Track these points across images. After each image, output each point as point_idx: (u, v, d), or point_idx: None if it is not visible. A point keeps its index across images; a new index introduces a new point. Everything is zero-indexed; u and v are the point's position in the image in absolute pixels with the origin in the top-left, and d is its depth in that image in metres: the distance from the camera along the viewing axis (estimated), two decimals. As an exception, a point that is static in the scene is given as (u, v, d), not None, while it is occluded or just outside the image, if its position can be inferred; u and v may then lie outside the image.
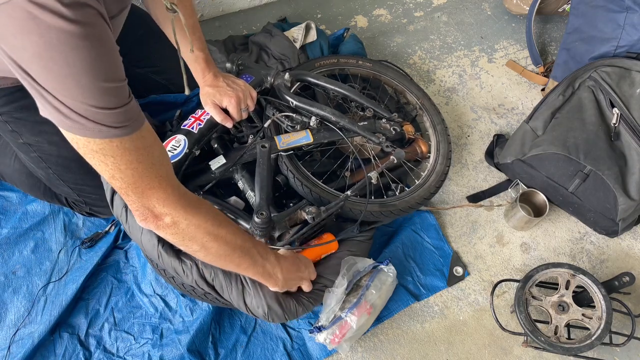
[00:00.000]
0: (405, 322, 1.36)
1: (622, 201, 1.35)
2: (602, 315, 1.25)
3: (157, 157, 0.79)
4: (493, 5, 2.06)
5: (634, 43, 1.44)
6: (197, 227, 0.86)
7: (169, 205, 0.81)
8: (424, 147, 1.53)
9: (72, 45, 0.64)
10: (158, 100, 1.48)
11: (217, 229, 0.89)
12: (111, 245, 1.39)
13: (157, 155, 0.79)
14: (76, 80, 0.66)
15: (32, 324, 1.29)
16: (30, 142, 1.18)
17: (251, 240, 1.01)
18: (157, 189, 0.79)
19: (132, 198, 0.80)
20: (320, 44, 1.70)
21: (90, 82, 0.67)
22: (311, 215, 1.19)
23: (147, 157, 0.77)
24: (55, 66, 0.64)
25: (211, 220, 0.88)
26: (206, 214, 0.88)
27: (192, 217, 0.85)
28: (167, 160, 0.82)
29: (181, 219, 0.84)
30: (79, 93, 0.67)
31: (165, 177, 0.80)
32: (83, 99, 0.68)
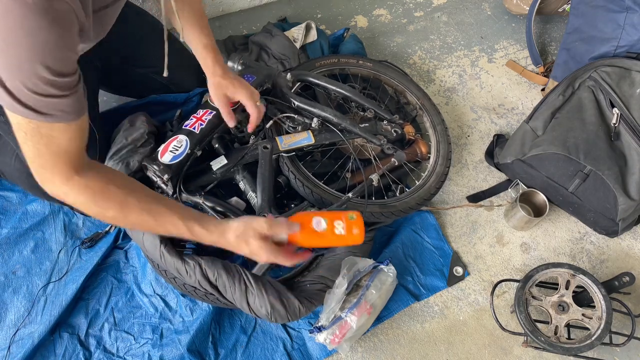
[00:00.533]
0: (405, 322, 1.36)
1: (622, 201, 1.35)
2: (602, 315, 1.25)
3: (64, 149, 0.82)
4: (493, 5, 2.06)
5: (634, 43, 1.44)
6: (84, 208, 0.90)
7: (56, 186, 0.88)
8: (424, 148, 1.53)
9: (29, 27, 0.66)
10: (158, 100, 1.49)
11: (104, 211, 0.91)
12: (111, 245, 1.39)
13: (68, 148, 0.83)
14: (21, 60, 0.69)
15: (32, 324, 1.29)
16: None
17: (155, 220, 0.94)
18: (50, 170, 0.85)
19: (32, 168, 0.86)
20: (320, 43, 1.70)
21: (33, 64, 0.69)
22: None
23: (56, 147, 0.81)
24: (7, 43, 0.67)
25: (95, 205, 0.90)
26: (90, 199, 0.89)
27: (76, 198, 0.89)
28: (76, 151, 0.85)
29: (68, 198, 0.89)
30: (18, 71, 0.70)
31: (62, 164, 0.84)
32: (20, 77, 0.70)
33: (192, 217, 0.95)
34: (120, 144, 1.25)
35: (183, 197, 1.22)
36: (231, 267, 1.14)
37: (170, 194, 1.21)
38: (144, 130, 1.27)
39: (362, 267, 1.27)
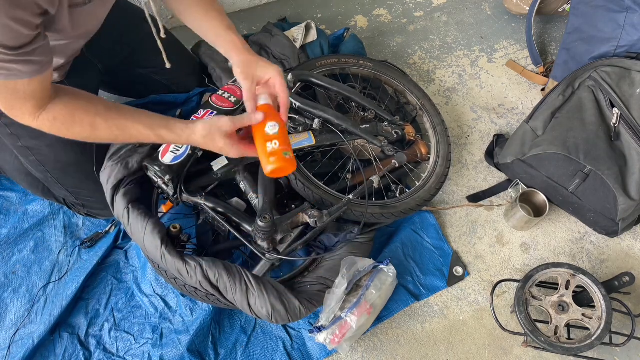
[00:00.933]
0: (405, 322, 1.36)
1: (622, 201, 1.35)
2: (602, 315, 1.25)
3: (29, 95, 0.89)
4: (493, 5, 2.06)
5: (634, 43, 1.44)
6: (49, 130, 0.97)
7: (29, 122, 0.94)
8: (424, 150, 1.53)
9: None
10: (158, 100, 1.49)
11: (69, 129, 0.97)
12: (111, 245, 1.39)
13: (32, 94, 0.89)
14: None
15: (32, 324, 1.29)
16: (29, 145, 1.18)
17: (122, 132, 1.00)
18: (21, 111, 0.92)
19: (2, 109, 0.92)
20: (320, 43, 1.70)
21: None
22: (314, 219, 1.19)
23: (22, 94, 0.88)
24: None
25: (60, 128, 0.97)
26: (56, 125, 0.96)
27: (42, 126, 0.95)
28: (41, 95, 0.91)
29: (43, 130, 0.96)
30: None
31: (31, 106, 0.91)
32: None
33: (159, 124, 1.00)
34: (118, 145, 1.25)
35: (184, 197, 1.22)
36: (232, 267, 1.14)
37: (171, 195, 1.21)
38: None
39: (362, 267, 1.27)
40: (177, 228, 1.18)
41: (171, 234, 1.17)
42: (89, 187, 1.29)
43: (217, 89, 1.55)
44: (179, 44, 1.54)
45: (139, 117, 1.00)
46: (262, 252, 1.22)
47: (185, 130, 1.01)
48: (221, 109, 1.31)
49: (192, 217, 1.40)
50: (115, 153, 1.24)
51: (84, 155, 1.25)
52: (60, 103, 0.95)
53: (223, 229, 1.24)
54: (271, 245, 1.20)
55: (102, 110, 0.98)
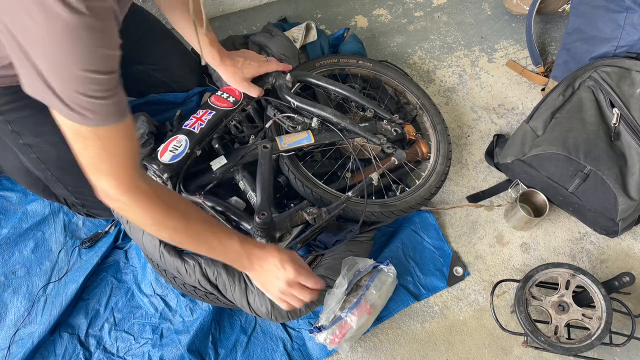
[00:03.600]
0: (405, 322, 1.36)
1: (622, 201, 1.35)
2: (602, 315, 1.25)
3: (123, 151, 0.84)
4: (493, 5, 2.06)
5: (634, 43, 1.44)
6: (144, 216, 0.90)
7: (119, 192, 0.86)
8: (425, 148, 1.53)
9: (75, 35, 0.67)
10: (157, 100, 1.48)
11: (165, 219, 0.91)
12: (111, 245, 1.39)
13: (125, 148, 0.84)
14: (70, 68, 0.70)
15: (32, 324, 1.29)
16: (31, 143, 1.18)
17: (211, 230, 0.98)
18: (112, 175, 0.84)
19: (90, 177, 0.86)
20: (320, 43, 1.70)
21: (82, 71, 0.71)
22: (312, 216, 1.19)
23: (114, 148, 0.82)
24: (55, 52, 0.68)
25: (159, 212, 0.91)
26: (154, 209, 0.90)
27: (139, 206, 0.89)
28: (133, 154, 0.86)
29: (127, 207, 0.88)
30: (69, 79, 0.71)
31: (123, 168, 0.85)
32: (72, 84, 0.72)
33: (237, 235, 1.01)
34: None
35: (183, 196, 1.22)
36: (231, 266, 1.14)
37: None
38: (144, 130, 1.27)
39: (362, 267, 1.27)
40: (176, 228, 1.18)
41: (170, 233, 1.17)
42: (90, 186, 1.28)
43: (217, 88, 1.55)
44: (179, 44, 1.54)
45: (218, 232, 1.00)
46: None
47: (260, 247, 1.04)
48: (220, 109, 1.32)
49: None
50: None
51: None
52: (152, 181, 0.93)
53: None
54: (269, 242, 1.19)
55: (194, 211, 0.97)
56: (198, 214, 0.98)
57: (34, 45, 0.68)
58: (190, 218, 0.95)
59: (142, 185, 0.89)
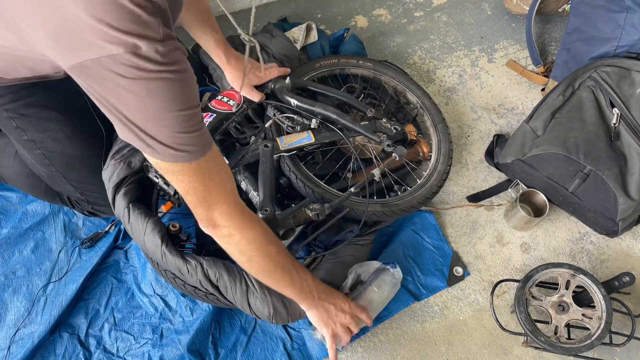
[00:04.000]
0: (405, 322, 1.36)
1: (622, 201, 1.35)
2: (602, 315, 1.25)
3: (224, 175, 0.89)
4: (493, 5, 2.06)
5: (634, 43, 1.44)
6: (248, 242, 0.95)
7: (229, 218, 0.91)
8: (426, 148, 1.53)
9: (164, 87, 0.72)
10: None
11: (266, 246, 0.98)
12: (111, 245, 1.39)
13: (224, 173, 0.89)
14: (165, 115, 0.74)
15: (32, 324, 1.29)
16: (35, 138, 1.18)
17: (292, 261, 1.05)
18: (222, 203, 0.89)
19: (199, 210, 0.90)
20: (321, 44, 1.70)
21: (175, 113, 0.75)
22: (315, 212, 1.19)
23: (217, 175, 0.87)
24: (149, 105, 0.72)
25: (262, 238, 0.97)
26: (259, 231, 0.97)
27: (246, 231, 0.94)
28: (231, 177, 0.91)
29: (237, 232, 0.93)
30: (167, 122, 0.75)
31: (230, 193, 0.91)
32: (172, 127, 0.76)
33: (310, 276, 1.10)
34: (121, 143, 1.25)
35: None
36: (232, 267, 1.14)
37: (171, 194, 1.21)
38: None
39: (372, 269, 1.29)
40: (176, 227, 1.18)
41: (170, 233, 1.17)
42: (95, 182, 1.28)
43: (217, 88, 1.55)
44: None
45: (297, 265, 1.07)
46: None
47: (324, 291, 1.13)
48: (221, 112, 1.33)
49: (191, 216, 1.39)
50: (118, 152, 1.24)
51: (90, 149, 1.25)
52: (259, 220, 0.99)
53: None
54: None
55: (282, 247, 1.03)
56: (281, 243, 1.03)
57: (128, 104, 0.72)
58: (281, 247, 1.02)
59: (247, 210, 0.95)
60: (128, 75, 0.69)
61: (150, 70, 0.69)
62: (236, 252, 0.98)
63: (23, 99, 1.10)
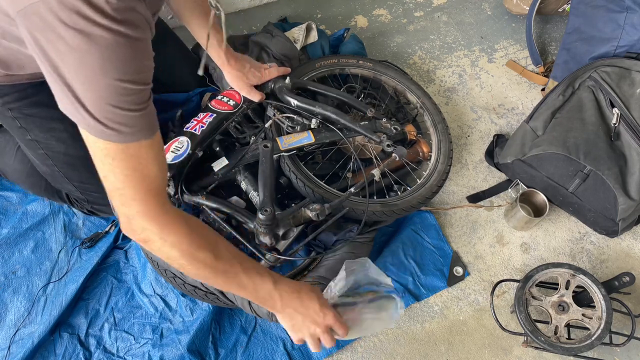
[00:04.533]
0: (405, 322, 1.36)
1: (622, 201, 1.35)
2: (602, 315, 1.25)
3: (154, 171, 0.79)
4: (493, 5, 2.06)
5: (634, 43, 1.44)
6: (171, 248, 0.83)
7: (146, 220, 0.80)
8: (426, 148, 1.53)
9: (108, 46, 0.66)
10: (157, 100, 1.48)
11: (195, 252, 0.85)
12: (111, 245, 1.39)
13: (157, 169, 0.79)
14: (103, 80, 0.68)
15: (32, 324, 1.29)
16: (39, 139, 1.18)
17: (241, 265, 0.91)
18: (139, 201, 0.79)
19: (115, 202, 0.81)
20: (321, 44, 1.70)
21: (114, 82, 0.69)
22: (315, 212, 1.19)
23: (145, 168, 0.77)
24: (87, 65, 0.66)
25: (189, 243, 0.84)
26: (184, 236, 0.84)
27: (167, 236, 0.82)
28: (162, 177, 0.82)
29: (155, 237, 0.82)
30: (103, 91, 0.69)
31: (153, 192, 0.80)
32: (105, 97, 0.70)
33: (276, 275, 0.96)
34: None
35: (185, 197, 1.22)
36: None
37: (172, 194, 1.21)
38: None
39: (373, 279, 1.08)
40: (177, 227, 1.18)
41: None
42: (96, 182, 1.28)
43: (218, 89, 1.55)
44: (182, 45, 1.55)
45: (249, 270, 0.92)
46: (262, 253, 1.22)
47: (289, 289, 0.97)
48: (221, 112, 1.33)
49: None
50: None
51: None
52: (192, 222, 0.86)
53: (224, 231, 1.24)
54: (273, 240, 1.19)
55: (222, 242, 0.91)
56: (228, 248, 0.91)
57: (66, 58, 0.67)
58: (220, 250, 0.89)
59: (172, 211, 0.83)
60: (70, 23, 0.63)
61: (95, 21, 0.64)
62: (164, 258, 0.85)
63: (29, 97, 1.11)
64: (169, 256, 0.84)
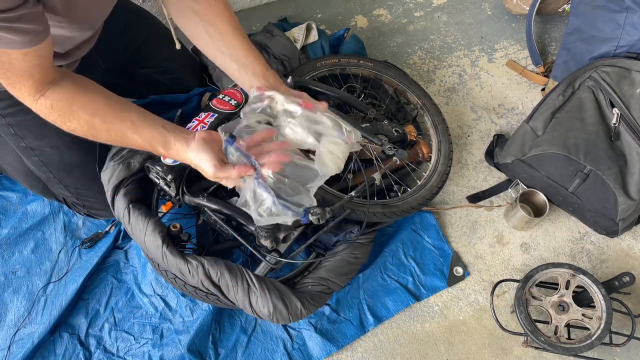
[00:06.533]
0: (405, 322, 1.36)
1: (622, 201, 1.35)
2: (602, 315, 1.25)
3: (26, 72, 0.84)
4: (493, 5, 2.06)
5: (634, 43, 1.44)
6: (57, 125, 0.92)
7: (28, 103, 0.89)
8: (426, 149, 1.53)
9: None
10: (158, 100, 1.48)
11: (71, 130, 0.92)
12: (111, 245, 1.39)
13: (29, 71, 0.84)
14: None
15: (32, 324, 1.29)
16: (33, 146, 1.18)
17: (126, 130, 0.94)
18: (20, 90, 0.87)
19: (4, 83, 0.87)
20: (321, 44, 1.70)
21: None
22: (316, 216, 1.19)
23: (18, 70, 0.83)
24: None
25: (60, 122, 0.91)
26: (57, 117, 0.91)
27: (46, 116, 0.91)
28: (39, 76, 0.86)
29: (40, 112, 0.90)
30: None
31: (30, 87, 0.86)
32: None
33: (158, 141, 0.95)
34: (120, 146, 1.25)
35: (186, 198, 1.22)
36: (234, 267, 1.14)
37: (173, 195, 1.21)
38: (144, 130, 1.26)
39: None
40: (177, 227, 1.18)
41: (171, 234, 1.17)
42: (91, 188, 1.28)
43: (218, 88, 1.55)
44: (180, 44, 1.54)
45: (140, 128, 0.95)
46: (263, 255, 1.22)
47: (180, 155, 0.97)
48: (222, 111, 1.33)
49: (191, 217, 1.40)
50: (117, 153, 1.24)
51: (87, 156, 1.25)
52: (61, 92, 0.89)
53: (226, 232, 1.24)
54: (274, 243, 1.19)
55: (103, 110, 0.92)
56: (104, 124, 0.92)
57: None
58: (97, 129, 0.92)
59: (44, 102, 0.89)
60: None
61: None
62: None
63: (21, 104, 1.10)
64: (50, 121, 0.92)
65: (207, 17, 1.06)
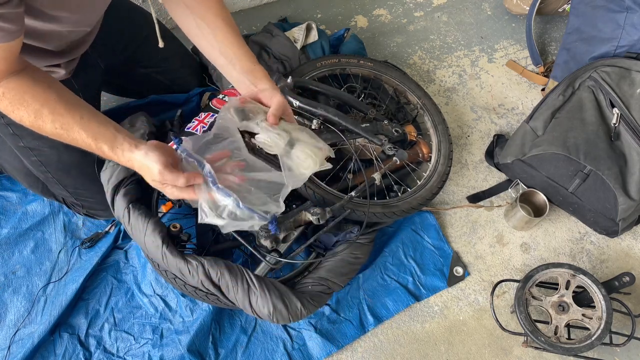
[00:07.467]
0: (405, 322, 1.36)
1: (622, 201, 1.35)
2: (602, 315, 1.25)
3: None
4: (493, 5, 2.06)
5: (634, 43, 1.44)
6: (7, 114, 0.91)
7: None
8: (426, 149, 1.53)
9: None
10: (158, 100, 1.49)
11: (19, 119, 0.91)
12: (111, 245, 1.39)
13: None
14: None
15: (32, 324, 1.29)
16: (31, 146, 1.18)
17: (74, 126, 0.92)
18: None
19: None
20: (321, 44, 1.70)
21: None
22: (316, 216, 1.19)
23: None
24: None
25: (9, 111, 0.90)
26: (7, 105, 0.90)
27: None
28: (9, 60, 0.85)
29: None
30: None
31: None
32: None
33: (104, 138, 0.92)
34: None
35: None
36: (234, 267, 1.14)
37: None
38: (144, 131, 1.26)
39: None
40: (177, 227, 1.18)
41: (171, 234, 1.17)
42: (90, 188, 1.28)
43: (217, 88, 1.55)
44: (181, 45, 1.55)
45: (88, 123, 0.92)
46: (263, 255, 1.22)
47: (125, 154, 0.93)
48: None
49: (191, 217, 1.40)
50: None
51: (86, 156, 1.25)
52: (16, 81, 0.88)
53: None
54: (274, 243, 1.19)
55: (53, 101, 0.90)
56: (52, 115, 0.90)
57: None
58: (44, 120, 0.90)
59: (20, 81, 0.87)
60: None
61: None
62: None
63: None
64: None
65: (200, 12, 1.07)
